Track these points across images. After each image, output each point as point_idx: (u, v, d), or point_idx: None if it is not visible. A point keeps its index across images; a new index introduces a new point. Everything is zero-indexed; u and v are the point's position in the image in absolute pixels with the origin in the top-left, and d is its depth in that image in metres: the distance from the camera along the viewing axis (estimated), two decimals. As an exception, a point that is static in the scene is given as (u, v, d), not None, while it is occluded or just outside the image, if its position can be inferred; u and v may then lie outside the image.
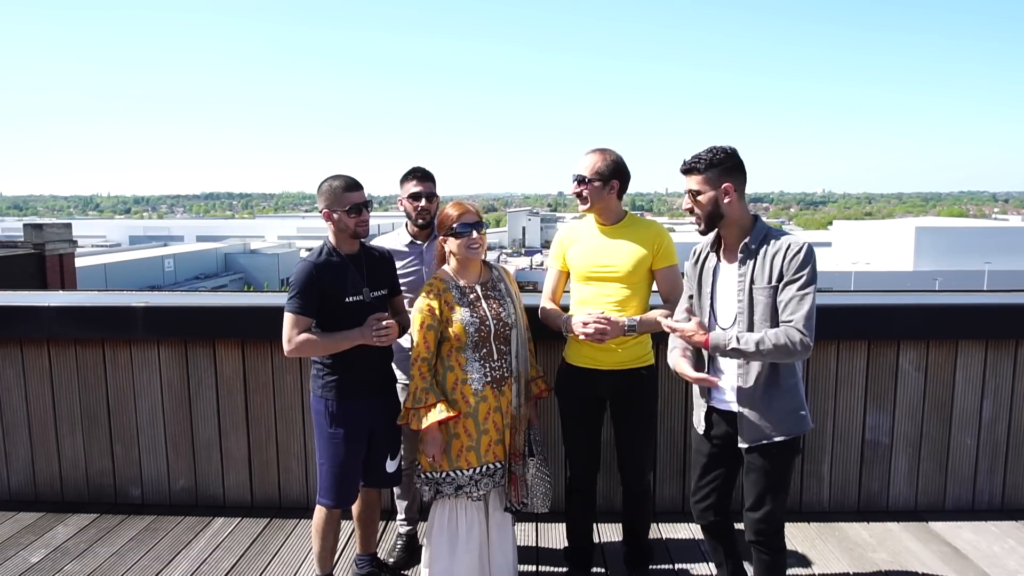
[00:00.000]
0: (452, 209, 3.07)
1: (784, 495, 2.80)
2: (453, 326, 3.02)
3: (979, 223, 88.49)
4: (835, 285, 44.66)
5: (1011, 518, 4.11)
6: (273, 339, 4.20)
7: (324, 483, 3.20)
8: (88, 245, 63.75)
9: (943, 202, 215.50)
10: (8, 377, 4.33)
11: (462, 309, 3.04)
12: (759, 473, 2.75)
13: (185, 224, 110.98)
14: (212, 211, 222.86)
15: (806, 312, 2.56)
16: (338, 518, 3.29)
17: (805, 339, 2.54)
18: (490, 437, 3.08)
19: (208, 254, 65.02)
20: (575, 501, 3.45)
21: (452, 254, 3.11)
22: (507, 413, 3.12)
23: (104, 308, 4.33)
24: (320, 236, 24.74)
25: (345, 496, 3.22)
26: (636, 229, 3.20)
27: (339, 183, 3.05)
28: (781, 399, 2.73)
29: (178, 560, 3.73)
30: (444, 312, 3.04)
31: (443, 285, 3.08)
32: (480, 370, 3.05)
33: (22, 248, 17.43)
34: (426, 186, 3.45)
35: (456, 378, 3.06)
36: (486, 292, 3.12)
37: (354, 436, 3.14)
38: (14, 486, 4.39)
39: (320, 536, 3.27)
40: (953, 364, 4.14)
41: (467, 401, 3.05)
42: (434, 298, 3.04)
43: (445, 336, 3.06)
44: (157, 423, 4.30)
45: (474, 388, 3.05)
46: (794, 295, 2.58)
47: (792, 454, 2.77)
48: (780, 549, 2.82)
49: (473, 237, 3.04)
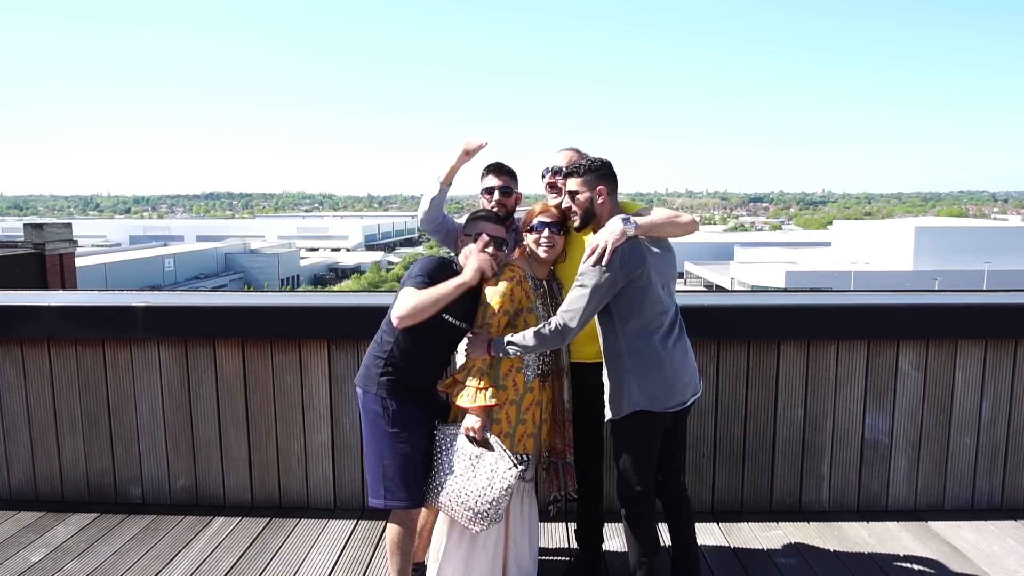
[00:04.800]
0: (537, 207, 3.19)
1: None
2: (527, 315, 3.09)
3: (978, 223, 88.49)
4: (835, 285, 44.66)
5: (1010, 518, 4.11)
6: (273, 339, 4.24)
7: (392, 483, 3.01)
8: (88, 245, 63.75)
9: (943, 202, 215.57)
10: (8, 377, 4.33)
11: (536, 300, 3.13)
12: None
13: (185, 224, 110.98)
14: (212, 211, 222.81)
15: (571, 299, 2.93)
16: (416, 521, 3.13)
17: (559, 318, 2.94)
18: (526, 428, 3.12)
19: (208, 254, 65.06)
20: (581, 487, 3.51)
21: (529, 248, 3.18)
22: (547, 408, 3.21)
23: (104, 308, 4.33)
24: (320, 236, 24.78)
25: (418, 493, 3.04)
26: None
27: (471, 216, 3.17)
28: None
29: (178, 560, 3.73)
30: (523, 302, 3.10)
31: (522, 273, 3.13)
32: (535, 362, 3.14)
33: (22, 248, 17.44)
34: (502, 179, 3.43)
35: (511, 365, 3.10)
36: (551, 289, 3.24)
37: (418, 432, 3.04)
38: (14, 486, 4.40)
39: (400, 547, 3.07)
40: (952, 364, 4.15)
41: (517, 389, 3.10)
42: (516, 284, 3.08)
43: (514, 323, 3.10)
44: (157, 423, 4.31)
45: (527, 377, 3.11)
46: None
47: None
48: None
49: (546, 235, 3.12)
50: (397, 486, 3.01)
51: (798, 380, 4.14)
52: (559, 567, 3.62)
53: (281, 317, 4.20)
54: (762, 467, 4.20)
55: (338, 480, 4.26)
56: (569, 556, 3.72)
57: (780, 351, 4.11)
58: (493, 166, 3.46)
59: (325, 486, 4.28)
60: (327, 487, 4.28)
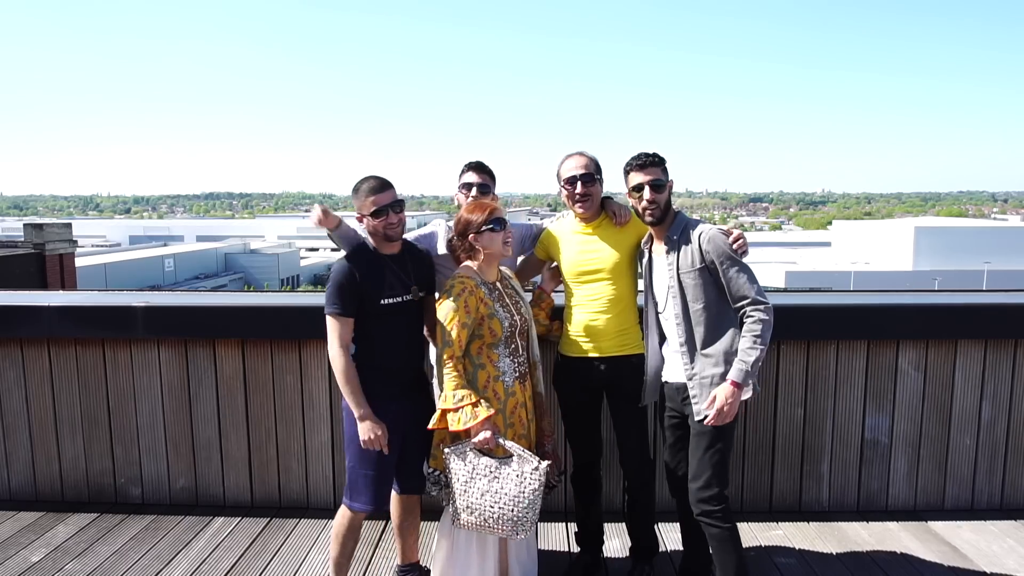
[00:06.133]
0: (477, 209, 3.06)
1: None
2: (491, 323, 3.02)
3: (978, 223, 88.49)
4: (834, 285, 44.66)
5: (1010, 517, 4.11)
6: (273, 339, 4.24)
7: (355, 485, 3.11)
8: (88, 245, 63.75)
9: (942, 202, 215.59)
10: (8, 377, 4.33)
11: (495, 305, 3.06)
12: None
13: (185, 224, 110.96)
14: (212, 211, 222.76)
15: (746, 281, 2.92)
16: (361, 523, 3.22)
17: (761, 306, 2.90)
18: (515, 431, 3.10)
19: (208, 254, 65.03)
20: (578, 487, 3.53)
21: (483, 251, 3.07)
22: (529, 406, 3.18)
23: (104, 308, 4.34)
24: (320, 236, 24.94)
25: (378, 500, 3.12)
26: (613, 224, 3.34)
27: (365, 185, 3.01)
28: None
29: (178, 560, 3.73)
30: (480, 310, 3.01)
31: (473, 282, 3.03)
32: (511, 365, 3.09)
33: (22, 248, 17.45)
34: (482, 177, 3.43)
35: (488, 375, 3.05)
36: (505, 290, 3.17)
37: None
38: (14, 486, 4.40)
39: (340, 541, 3.19)
40: (952, 364, 4.15)
41: (498, 397, 3.05)
42: (469, 295, 2.99)
43: (478, 333, 3.04)
44: (157, 423, 4.31)
45: (506, 384, 3.06)
46: (730, 277, 2.94)
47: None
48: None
49: (509, 231, 3.10)
50: (358, 488, 3.11)
51: (798, 380, 4.14)
52: (559, 567, 3.62)
53: (281, 317, 4.20)
54: (762, 467, 4.20)
55: (338, 480, 4.26)
56: (569, 556, 3.72)
57: (780, 351, 4.11)
58: (474, 164, 3.46)
59: (325, 486, 4.28)
60: (327, 487, 4.27)
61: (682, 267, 3.00)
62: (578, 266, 3.29)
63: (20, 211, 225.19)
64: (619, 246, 3.26)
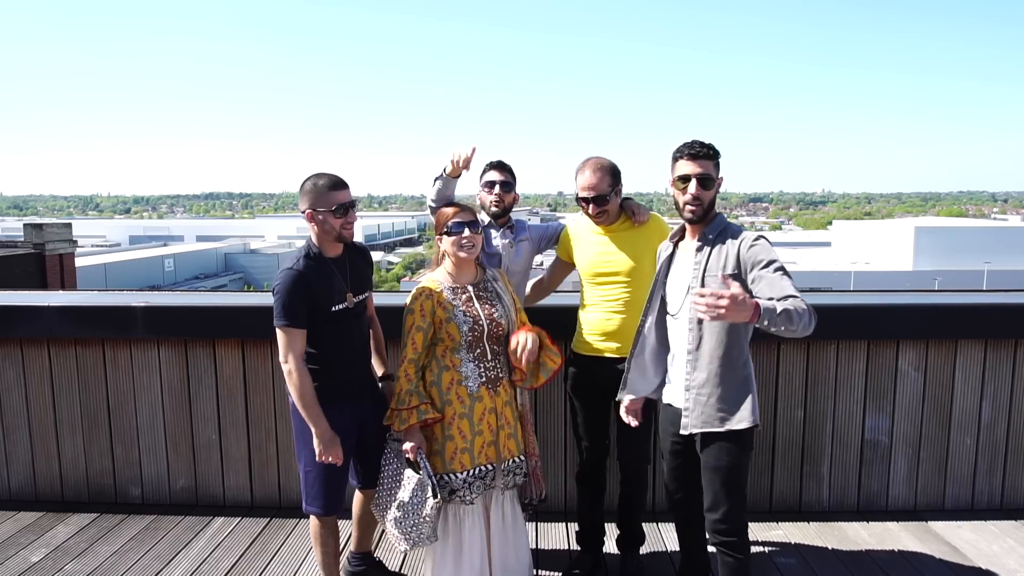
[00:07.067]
0: (448, 209, 3.07)
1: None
2: (448, 326, 3.02)
3: (978, 223, 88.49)
4: (835, 285, 44.63)
5: (1010, 518, 4.11)
6: (273, 339, 4.22)
7: (311, 490, 3.11)
8: (88, 245, 63.73)
9: (942, 202, 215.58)
10: (8, 377, 4.33)
11: (455, 309, 3.03)
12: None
13: (185, 224, 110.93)
14: (212, 211, 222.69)
15: (789, 284, 2.51)
16: (335, 522, 3.23)
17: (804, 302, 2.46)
18: (484, 439, 3.06)
19: (208, 254, 65.01)
20: (584, 486, 3.54)
21: (447, 254, 3.09)
22: (502, 414, 3.12)
23: (104, 308, 4.34)
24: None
25: (333, 502, 3.13)
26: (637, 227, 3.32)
27: (324, 181, 2.90)
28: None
29: (178, 560, 3.73)
30: (437, 313, 3.03)
31: (431, 287, 3.06)
32: (475, 371, 3.06)
33: (22, 248, 17.45)
34: (504, 175, 3.45)
35: (452, 378, 3.06)
36: (478, 293, 3.11)
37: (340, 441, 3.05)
38: (14, 486, 4.40)
39: (320, 543, 3.19)
40: (952, 364, 4.15)
41: (463, 402, 3.04)
42: (425, 299, 3.03)
43: (439, 337, 3.06)
44: (157, 423, 4.31)
45: (469, 389, 3.05)
46: (771, 276, 2.54)
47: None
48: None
49: (466, 235, 3.01)
50: (313, 493, 3.11)
51: (798, 380, 4.14)
52: (559, 567, 3.62)
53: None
54: (762, 467, 4.20)
55: (338, 480, 4.26)
56: (569, 556, 3.72)
57: (780, 351, 4.11)
58: (496, 163, 3.49)
59: (325, 486, 4.27)
60: (327, 487, 4.27)
61: (711, 268, 2.71)
62: (595, 267, 3.31)
63: (20, 211, 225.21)
64: (637, 249, 3.25)
